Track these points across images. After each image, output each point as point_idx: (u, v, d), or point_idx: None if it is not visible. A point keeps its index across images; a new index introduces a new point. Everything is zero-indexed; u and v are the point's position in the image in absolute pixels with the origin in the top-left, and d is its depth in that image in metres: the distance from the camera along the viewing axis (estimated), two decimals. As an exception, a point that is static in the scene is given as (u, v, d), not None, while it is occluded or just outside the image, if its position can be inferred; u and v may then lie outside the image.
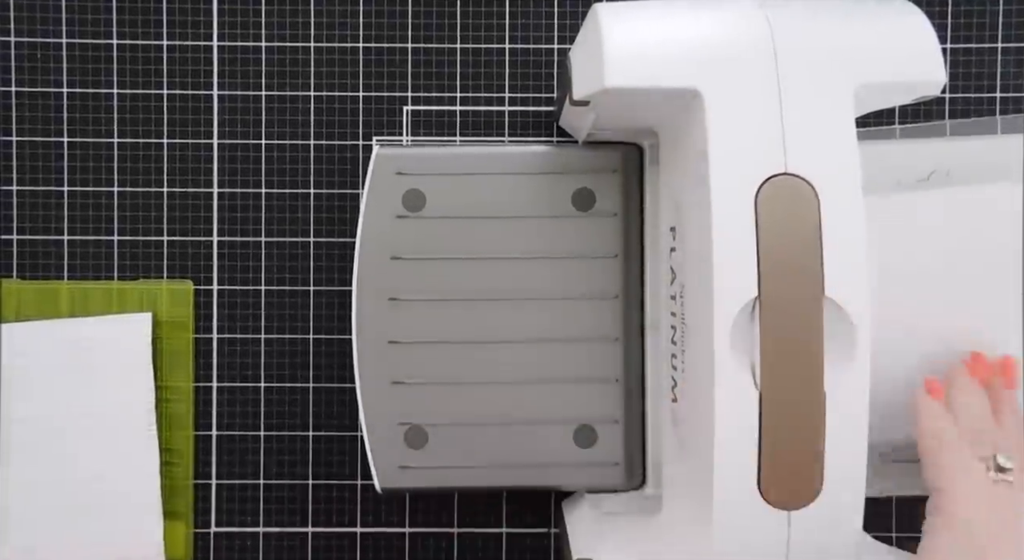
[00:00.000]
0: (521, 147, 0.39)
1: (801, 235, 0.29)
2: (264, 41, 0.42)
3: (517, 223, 0.38)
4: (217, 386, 0.42)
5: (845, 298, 0.28)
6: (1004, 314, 0.37)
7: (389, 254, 0.38)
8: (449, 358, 0.38)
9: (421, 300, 0.38)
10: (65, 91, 0.42)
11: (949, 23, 0.42)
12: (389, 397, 0.38)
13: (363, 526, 0.42)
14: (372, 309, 0.38)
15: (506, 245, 0.38)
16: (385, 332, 0.38)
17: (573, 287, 0.38)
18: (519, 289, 0.38)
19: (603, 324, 0.38)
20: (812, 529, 0.29)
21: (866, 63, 0.30)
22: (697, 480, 0.31)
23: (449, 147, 0.39)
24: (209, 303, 0.42)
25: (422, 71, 0.42)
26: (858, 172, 0.29)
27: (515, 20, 0.42)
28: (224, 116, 0.42)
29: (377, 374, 0.38)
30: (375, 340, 0.38)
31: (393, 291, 0.38)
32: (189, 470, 0.42)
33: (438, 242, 0.38)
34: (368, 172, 0.38)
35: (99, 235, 0.42)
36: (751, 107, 0.29)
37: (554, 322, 0.38)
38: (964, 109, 0.42)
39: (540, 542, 0.43)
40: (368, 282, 0.38)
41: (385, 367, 0.38)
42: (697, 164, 0.30)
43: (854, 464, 0.29)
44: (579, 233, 0.38)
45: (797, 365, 0.28)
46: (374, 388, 0.38)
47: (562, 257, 0.38)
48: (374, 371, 0.38)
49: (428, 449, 0.38)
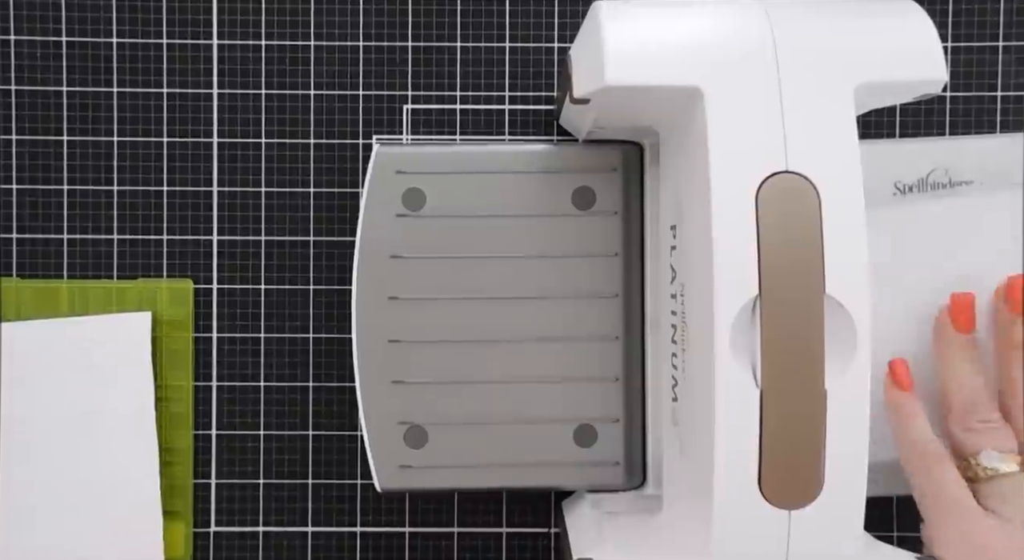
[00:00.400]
0: (521, 146, 0.39)
1: (802, 233, 0.28)
2: (264, 39, 0.42)
3: (517, 222, 0.38)
4: (217, 385, 0.42)
5: (846, 296, 0.28)
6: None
7: (389, 253, 0.38)
8: (448, 357, 0.38)
9: (420, 299, 0.38)
10: (65, 89, 0.42)
11: (950, 21, 0.42)
12: (389, 396, 0.38)
13: (363, 526, 0.42)
14: (372, 308, 0.38)
15: (506, 244, 0.38)
16: (385, 331, 0.38)
17: (573, 286, 0.38)
18: (519, 288, 0.38)
19: (603, 323, 0.38)
20: (813, 528, 0.29)
21: (867, 61, 0.30)
22: (697, 479, 0.31)
23: (449, 146, 0.39)
24: (209, 302, 0.42)
25: (422, 70, 0.42)
26: (859, 170, 0.29)
27: (515, 19, 0.42)
28: (224, 115, 0.42)
29: (377, 373, 0.38)
30: (375, 339, 0.38)
31: (393, 290, 0.38)
32: (189, 469, 0.42)
33: (438, 241, 0.38)
34: (368, 171, 0.38)
35: (99, 234, 0.42)
36: (752, 105, 0.29)
37: (554, 321, 0.38)
38: (965, 107, 0.42)
39: (540, 542, 0.43)
40: (368, 281, 0.38)
41: (385, 366, 0.38)
42: (697, 162, 0.30)
43: (855, 463, 0.29)
44: (579, 232, 0.38)
45: (798, 363, 0.28)
46: (374, 387, 0.38)
47: (562, 256, 0.38)
48: (374, 370, 0.38)
49: (428, 449, 0.38)
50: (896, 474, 0.36)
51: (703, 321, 0.30)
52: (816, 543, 0.29)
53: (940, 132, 0.42)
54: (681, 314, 0.33)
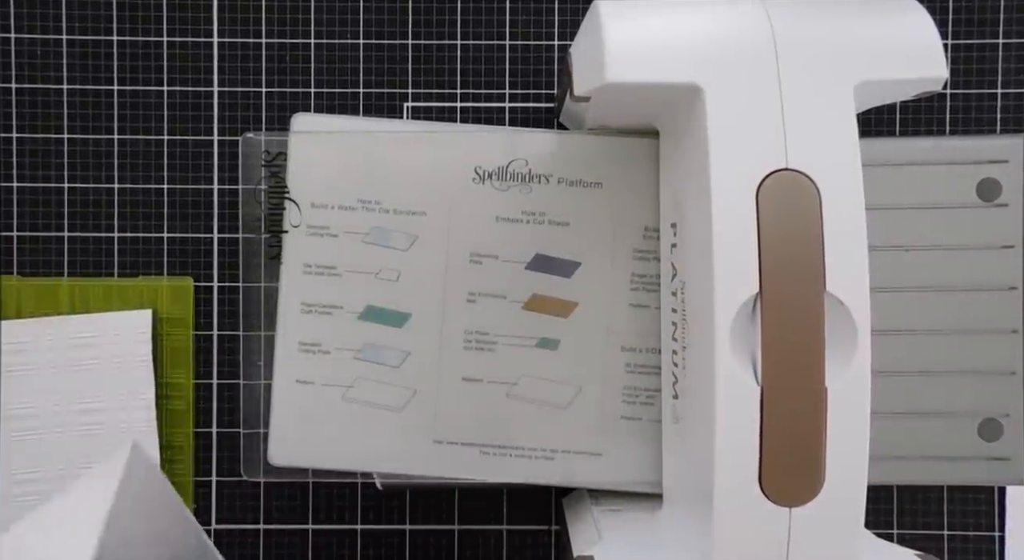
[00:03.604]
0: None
1: (802, 230, 0.29)
2: (264, 37, 0.42)
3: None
4: (218, 383, 0.42)
5: (847, 293, 0.28)
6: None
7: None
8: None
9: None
10: (65, 88, 0.42)
11: (950, 18, 0.42)
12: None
13: (364, 523, 0.42)
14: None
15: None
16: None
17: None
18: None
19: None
20: (813, 525, 0.29)
21: (867, 59, 0.30)
22: (697, 476, 0.31)
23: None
24: (209, 299, 0.42)
25: (422, 67, 0.42)
26: (859, 167, 0.29)
27: (516, 16, 0.42)
28: (224, 112, 0.42)
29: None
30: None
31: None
32: (190, 467, 0.42)
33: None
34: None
35: (99, 232, 0.42)
36: (752, 102, 0.29)
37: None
38: (965, 105, 0.42)
39: (541, 539, 0.43)
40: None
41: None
42: (698, 160, 0.30)
43: (856, 460, 0.29)
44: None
45: (798, 360, 0.28)
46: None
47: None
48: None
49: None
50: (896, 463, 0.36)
51: (703, 319, 0.30)
52: (817, 540, 0.29)
53: (940, 130, 0.42)
54: (681, 312, 0.33)
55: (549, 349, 0.37)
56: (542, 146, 0.37)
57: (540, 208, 0.37)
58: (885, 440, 0.36)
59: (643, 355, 0.37)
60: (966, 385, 0.37)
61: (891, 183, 0.37)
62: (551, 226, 0.37)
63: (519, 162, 0.37)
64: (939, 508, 0.42)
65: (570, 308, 0.37)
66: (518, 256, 0.37)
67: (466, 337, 0.37)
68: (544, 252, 0.37)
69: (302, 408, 0.37)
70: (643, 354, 0.37)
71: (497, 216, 0.37)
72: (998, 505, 0.42)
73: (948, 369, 0.37)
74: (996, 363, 0.37)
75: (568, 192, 0.37)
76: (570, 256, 0.37)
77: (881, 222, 0.37)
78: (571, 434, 0.37)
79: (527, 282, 0.37)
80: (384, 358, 0.37)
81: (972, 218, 0.37)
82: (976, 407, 0.37)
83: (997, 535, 0.42)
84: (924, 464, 0.38)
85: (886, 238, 0.37)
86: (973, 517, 0.42)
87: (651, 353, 0.37)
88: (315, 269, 0.37)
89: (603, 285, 0.37)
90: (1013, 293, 0.37)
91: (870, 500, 0.30)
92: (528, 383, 0.37)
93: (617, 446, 0.37)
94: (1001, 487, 0.42)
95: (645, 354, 0.37)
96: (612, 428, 0.37)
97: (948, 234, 0.37)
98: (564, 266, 0.37)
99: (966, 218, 0.37)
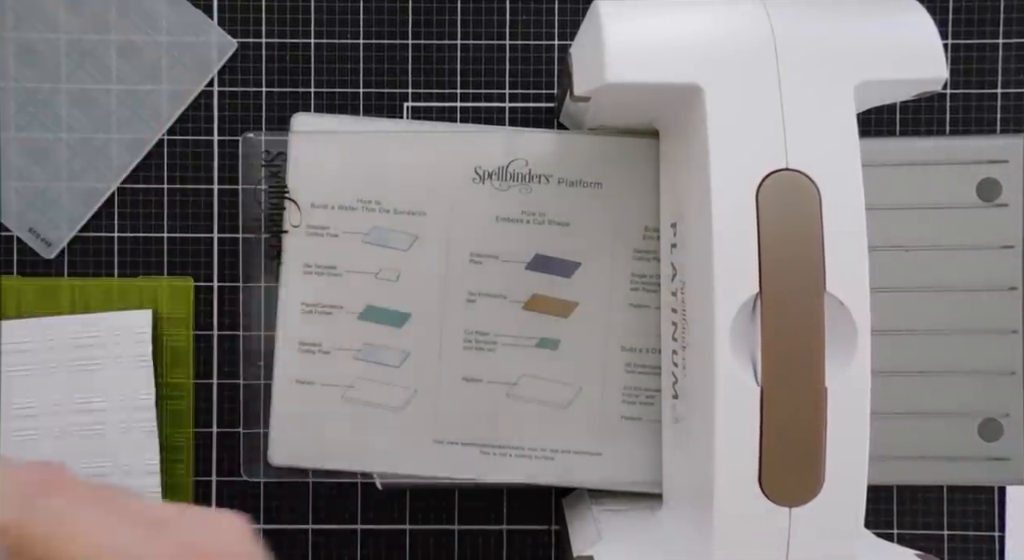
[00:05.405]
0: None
1: (802, 230, 0.29)
2: (264, 37, 0.42)
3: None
4: (218, 383, 0.42)
5: (846, 294, 0.28)
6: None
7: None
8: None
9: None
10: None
11: (950, 18, 0.42)
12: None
13: (364, 523, 0.42)
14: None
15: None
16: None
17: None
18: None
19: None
20: (813, 525, 0.29)
21: (867, 59, 0.30)
22: (698, 476, 0.31)
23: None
24: (209, 299, 0.42)
25: (423, 67, 0.42)
26: (859, 167, 0.29)
27: (516, 16, 0.42)
28: (224, 112, 0.42)
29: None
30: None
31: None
32: (190, 467, 0.42)
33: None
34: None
35: (99, 232, 0.42)
36: (752, 103, 0.29)
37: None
38: (965, 105, 0.42)
39: (541, 539, 0.43)
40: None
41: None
42: (698, 160, 0.30)
43: (856, 460, 0.29)
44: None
45: (798, 361, 0.28)
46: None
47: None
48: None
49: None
50: (896, 463, 0.36)
51: (703, 319, 0.30)
52: (817, 540, 0.29)
53: (940, 130, 0.42)
54: (681, 312, 0.33)
55: (549, 349, 0.37)
56: (542, 146, 0.37)
57: (540, 208, 0.37)
58: (885, 440, 0.36)
59: (643, 355, 0.37)
60: (966, 385, 0.37)
61: (891, 183, 0.37)
62: (551, 226, 0.37)
63: (519, 162, 0.37)
64: (939, 508, 0.42)
65: (570, 308, 0.37)
66: (518, 256, 0.37)
67: (466, 337, 0.37)
68: (544, 252, 0.37)
69: (302, 408, 0.37)
70: (643, 354, 0.37)
71: (497, 216, 0.37)
72: (998, 505, 0.42)
73: (948, 369, 0.38)
74: (996, 363, 0.37)
75: (568, 192, 0.37)
76: (570, 256, 0.37)
77: (881, 222, 0.37)
78: (571, 434, 0.37)
79: (527, 282, 0.37)
80: (384, 358, 0.37)
81: (972, 218, 0.37)
82: (976, 407, 0.37)
83: (997, 535, 0.42)
84: (924, 464, 0.38)
85: (886, 238, 0.37)
86: (973, 517, 0.42)
87: (651, 353, 0.37)
88: (315, 269, 0.37)
89: (603, 285, 0.37)
90: (1013, 293, 0.37)
91: (870, 500, 0.30)
92: (528, 383, 0.37)
93: (617, 446, 0.37)
94: (1001, 487, 0.42)
95: (645, 354, 0.37)
96: (612, 428, 0.37)
97: (948, 234, 0.37)
98: (564, 266, 0.37)
99: (966, 218, 0.37)
